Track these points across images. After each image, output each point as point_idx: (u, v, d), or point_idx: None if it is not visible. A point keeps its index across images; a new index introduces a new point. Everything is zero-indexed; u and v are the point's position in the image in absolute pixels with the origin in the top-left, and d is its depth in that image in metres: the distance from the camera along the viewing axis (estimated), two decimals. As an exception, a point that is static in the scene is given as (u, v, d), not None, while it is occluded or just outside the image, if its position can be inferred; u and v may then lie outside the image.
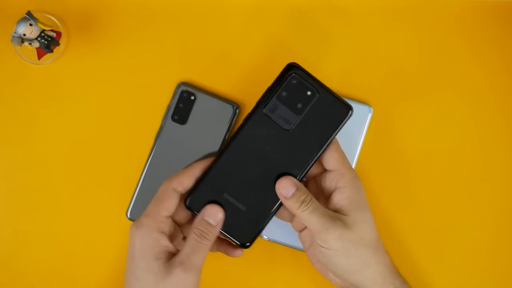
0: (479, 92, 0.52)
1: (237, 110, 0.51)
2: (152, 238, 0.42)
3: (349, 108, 0.43)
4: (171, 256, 0.42)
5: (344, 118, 0.43)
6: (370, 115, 0.51)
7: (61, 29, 0.51)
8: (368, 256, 0.42)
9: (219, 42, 0.53)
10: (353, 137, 0.51)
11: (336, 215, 0.42)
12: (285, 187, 0.42)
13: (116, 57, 0.53)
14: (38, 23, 0.48)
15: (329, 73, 0.52)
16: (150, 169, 0.51)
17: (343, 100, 0.43)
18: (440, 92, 0.52)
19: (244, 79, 0.52)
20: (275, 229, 0.51)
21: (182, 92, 0.51)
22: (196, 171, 0.44)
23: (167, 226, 0.43)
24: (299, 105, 0.42)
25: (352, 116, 0.43)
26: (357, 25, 0.53)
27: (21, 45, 0.49)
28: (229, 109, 0.51)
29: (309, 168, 0.43)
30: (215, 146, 0.51)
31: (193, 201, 0.43)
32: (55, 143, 0.53)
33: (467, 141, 0.52)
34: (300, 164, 0.43)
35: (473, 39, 0.52)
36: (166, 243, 0.42)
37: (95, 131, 0.53)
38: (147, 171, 0.51)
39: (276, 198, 0.43)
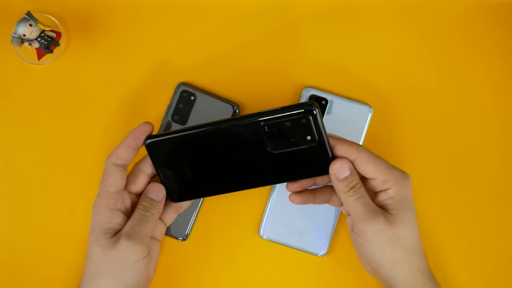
0: (480, 92, 0.52)
1: (237, 110, 0.51)
2: (103, 215, 0.43)
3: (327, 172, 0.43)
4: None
5: (317, 175, 0.44)
6: (370, 115, 0.51)
7: (61, 30, 0.51)
8: (402, 256, 0.42)
9: (219, 42, 0.53)
10: (353, 137, 0.50)
11: (380, 210, 0.42)
12: (340, 169, 0.42)
13: (116, 57, 0.53)
14: (38, 24, 0.48)
15: (330, 72, 0.52)
16: (150, 169, 0.51)
17: (330, 162, 0.43)
18: (440, 92, 0.52)
19: (244, 79, 0.52)
20: (275, 229, 0.51)
21: (182, 92, 0.51)
22: (129, 140, 0.44)
23: (118, 201, 0.44)
24: (293, 140, 0.42)
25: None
26: (358, 25, 0.53)
27: (21, 46, 0.49)
28: (229, 109, 0.51)
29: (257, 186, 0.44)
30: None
31: (152, 144, 0.44)
32: (55, 143, 0.53)
33: (468, 141, 0.52)
34: (256, 180, 0.44)
35: (473, 39, 0.52)
36: (117, 220, 0.43)
37: (96, 131, 0.53)
38: (147, 171, 0.51)
39: (216, 189, 0.45)
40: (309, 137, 0.42)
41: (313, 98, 0.51)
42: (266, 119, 0.42)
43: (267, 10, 0.53)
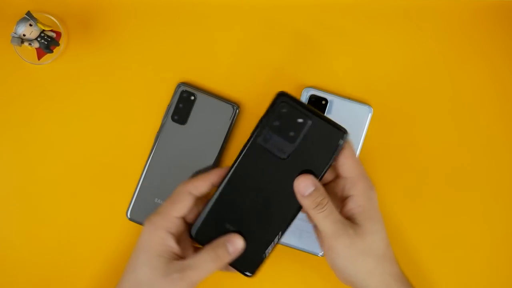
0: (481, 92, 0.52)
1: (237, 110, 0.51)
2: (158, 236, 0.42)
3: (344, 132, 0.42)
4: (174, 256, 0.42)
5: (339, 143, 0.42)
6: (370, 115, 0.51)
7: (61, 29, 0.51)
8: (374, 266, 0.42)
9: (219, 42, 0.53)
10: (353, 137, 0.50)
11: (348, 223, 0.42)
12: (304, 185, 0.42)
13: (116, 57, 0.53)
14: (38, 24, 0.48)
15: (330, 73, 0.52)
16: (150, 169, 0.51)
17: (337, 124, 0.42)
18: (441, 92, 0.52)
19: (244, 79, 0.52)
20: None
21: (182, 92, 0.51)
22: (213, 177, 0.43)
23: (176, 226, 0.43)
24: (292, 133, 0.42)
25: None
26: (358, 25, 0.53)
27: (21, 46, 0.49)
28: (229, 109, 0.51)
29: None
30: (215, 146, 0.51)
31: (198, 231, 0.44)
32: (55, 143, 0.53)
33: (468, 141, 0.52)
34: (290, 206, 0.42)
35: (475, 39, 0.52)
36: (171, 243, 0.42)
37: (95, 131, 0.53)
38: (147, 171, 0.51)
39: (277, 227, 0.43)
40: (300, 120, 0.41)
41: (313, 98, 0.51)
42: (259, 134, 0.42)
43: (267, 11, 0.53)
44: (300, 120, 0.41)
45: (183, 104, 0.51)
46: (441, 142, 0.52)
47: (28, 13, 0.48)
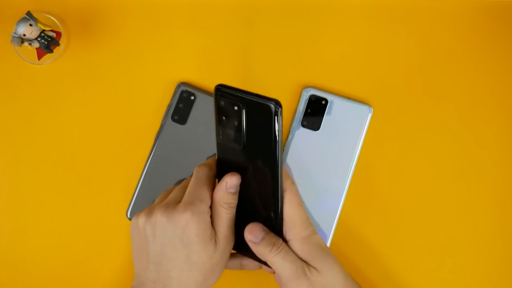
0: (479, 92, 0.52)
1: (237, 110, 0.51)
2: (207, 221, 0.42)
3: (273, 103, 0.39)
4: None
5: (272, 116, 0.40)
6: (370, 115, 0.51)
7: (61, 29, 0.51)
8: None
9: (219, 42, 0.53)
10: (353, 137, 0.51)
11: (305, 264, 0.42)
12: (254, 232, 0.42)
13: (116, 57, 0.53)
14: (38, 23, 0.48)
15: (330, 73, 0.52)
16: (150, 169, 0.51)
17: (268, 98, 0.39)
18: (440, 92, 0.52)
19: (244, 79, 0.52)
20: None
21: (182, 92, 0.51)
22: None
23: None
24: (236, 123, 0.41)
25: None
26: (358, 25, 0.53)
27: (21, 45, 0.49)
28: (229, 109, 0.51)
29: (281, 163, 0.41)
30: (215, 146, 0.51)
31: None
32: (55, 143, 0.53)
33: (468, 140, 0.52)
34: (273, 166, 0.41)
35: (472, 39, 0.52)
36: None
37: (95, 131, 0.53)
38: (147, 171, 0.51)
39: (272, 207, 0.43)
40: (236, 107, 0.40)
41: (313, 98, 0.51)
42: (216, 133, 0.42)
43: (268, 10, 0.53)
44: (235, 108, 0.40)
45: (183, 104, 0.51)
46: (441, 142, 0.52)
47: (28, 13, 0.48)
